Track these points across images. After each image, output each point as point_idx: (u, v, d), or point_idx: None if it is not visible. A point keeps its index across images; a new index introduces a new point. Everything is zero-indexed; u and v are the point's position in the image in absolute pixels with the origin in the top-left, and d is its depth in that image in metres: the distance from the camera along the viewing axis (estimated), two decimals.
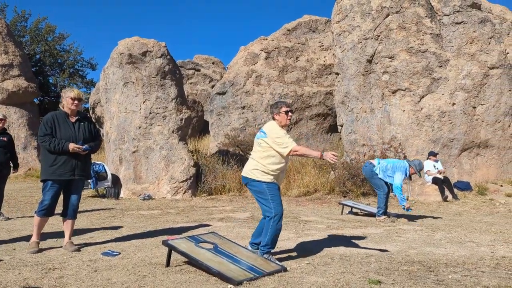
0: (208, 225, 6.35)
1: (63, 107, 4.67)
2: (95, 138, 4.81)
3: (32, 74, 18.19)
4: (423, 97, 10.40)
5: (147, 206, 8.74)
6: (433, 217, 7.50)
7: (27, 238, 5.27)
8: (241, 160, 12.28)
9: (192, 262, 3.84)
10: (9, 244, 4.90)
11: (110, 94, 10.99)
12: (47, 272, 3.69)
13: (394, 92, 10.66)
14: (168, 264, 3.94)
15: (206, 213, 7.70)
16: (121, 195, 10.34)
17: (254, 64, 15.00)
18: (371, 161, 7.57)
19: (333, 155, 3.76)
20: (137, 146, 10.43)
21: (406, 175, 7.18)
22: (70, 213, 4.67)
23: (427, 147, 10.28)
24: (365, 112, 11.19)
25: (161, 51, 10.73)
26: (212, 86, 18.81)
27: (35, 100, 19.07)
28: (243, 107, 14.47)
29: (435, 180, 9.72)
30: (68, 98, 4.61)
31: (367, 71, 11.02)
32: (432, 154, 9.89)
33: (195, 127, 17.06)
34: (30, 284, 3.33)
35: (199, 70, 20.89)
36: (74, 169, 4.54)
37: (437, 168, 9.78)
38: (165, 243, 4.00)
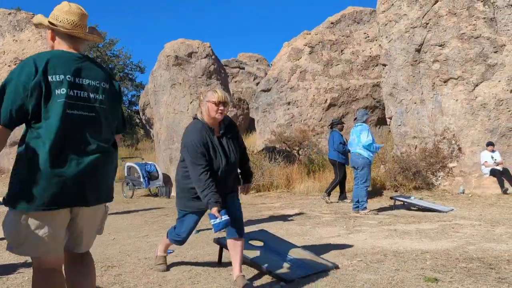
0: (257, 223, 6.39)
1: (202, 115, 3.33)
2: (245, 155, 3.62)
3: None
4: (477, 85, 9.89)
5: None
6: (492, 211, 7.13)
7: None
8: (288, 156, 12.27)
9: (243, 259, 3.88)
10: None
11: (158, 96, 11.31)
12: (106, 270, 3.86)
13: (445, 81, 10.23)
14: (220, 261, 4.00)
15: (255, 210, 7.75)
16: (172, 193, 10.64)
17: (298, 59, 14.90)
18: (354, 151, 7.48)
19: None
20: None
21: (368, 130, 7.22)
22: (238, 229, 3.37)
23: (483, 138, 9.78)
24: (415, 103, 10.82)
25: (206, 52, 10.91)
26: (257, 84, 18.88)
27: None
28: (289, 103, 14.42)
29: (493, 172, 9.23)
30: (209, 104, 3.23)
31: (415, 60, 10.63)
32: (489, 144, 9.40)
33: (241, 125, 17.21)
34: None
35: (243, 68, 21.04)
36: (225, 188, 3.37)
37: (495, 159, 9.29)
38: (216, 240, 4.07)
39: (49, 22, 2.17)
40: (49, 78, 2.01)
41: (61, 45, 2.19)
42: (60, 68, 2.04)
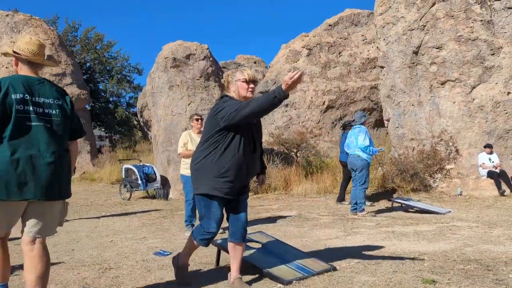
0: (255, 224, 6.38)
1: (232, 94, 3.28)
2: (261, 147, 3.51)
3: (83, 81, 19.04)
4: (474, 87, 9.92)
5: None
6: (490, 213, 7.15)
7: (85, 238, 5.54)
8: (286, 158, 12.27)
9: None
10: (68, 245, 5.15)
11: (156, 98, 11.30)
12: (103, 272, 3.85)
13: (443, 83, 10.26)
14: (217, 263, 4.00)
15: (253, 212, 7.75)
16: (170, 195, 10.62)
17: (296, 62, 14.92)
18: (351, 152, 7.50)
19: None
20: None
21: (366, 132, 7.30)
22: (241, 233, 3.34)
23: (480, 140, 9.81)
24: (412, 105, 10.84)
25: (204, 54, 10.91)
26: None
27: (86, 106, 19.96)
28: (286, 105, 14.43)
29: (491, 174, 9.25)
30: (239, 82, 3.20)
31: (413, 63, 10.66)
32: (487, 146, 9.42)
33: None
34: (89, 284, 3.49)
35: None
36: (246, 176, 3.31)
37: (493, 161, 9.31)
38: (214, 242, 4.06)
39: (13, 51, 2.71)
40: (12, 96, 2.52)
41: (23, 70, 2.71)
42: (19, 89, 2.56)
